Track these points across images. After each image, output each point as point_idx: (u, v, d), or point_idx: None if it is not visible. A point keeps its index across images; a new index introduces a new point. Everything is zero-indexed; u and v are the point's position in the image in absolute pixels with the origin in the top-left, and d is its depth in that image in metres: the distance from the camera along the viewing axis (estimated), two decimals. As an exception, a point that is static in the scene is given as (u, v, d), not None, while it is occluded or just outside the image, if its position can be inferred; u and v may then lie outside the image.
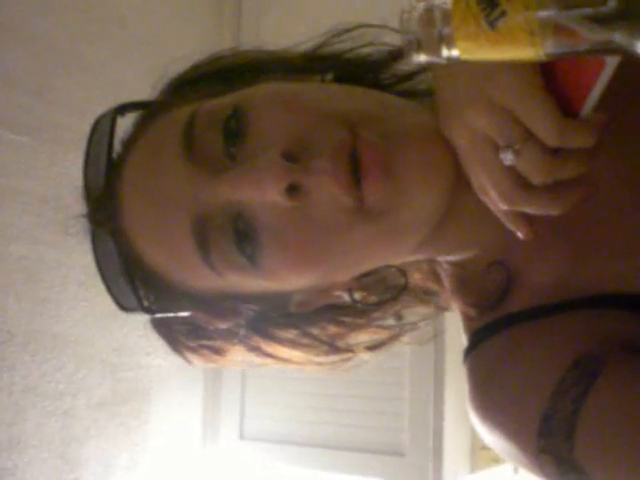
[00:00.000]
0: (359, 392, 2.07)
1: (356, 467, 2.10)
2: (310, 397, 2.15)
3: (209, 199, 0.60)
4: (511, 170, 0.53)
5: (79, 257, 0.65)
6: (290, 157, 0.57)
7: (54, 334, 1.90)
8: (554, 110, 0.50)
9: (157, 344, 0.72)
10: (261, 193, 0.58)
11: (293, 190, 0.57)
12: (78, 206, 0.67)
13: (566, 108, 0.51)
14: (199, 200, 0.60)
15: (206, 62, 0.71)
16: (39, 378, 1.86)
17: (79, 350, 1.95)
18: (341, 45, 0.70)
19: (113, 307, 0.67)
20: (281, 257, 0.60)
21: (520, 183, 0.54)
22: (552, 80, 0.51)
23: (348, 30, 0.70)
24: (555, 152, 0.52)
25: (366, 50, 0.70)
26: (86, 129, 0.70)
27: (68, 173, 1.86)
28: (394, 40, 0.66)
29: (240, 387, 2.25)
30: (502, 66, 0.47)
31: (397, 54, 0.69)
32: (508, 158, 0.53)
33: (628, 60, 0.43)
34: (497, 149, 0.53)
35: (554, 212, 0.56)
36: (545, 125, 0.51)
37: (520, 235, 0.58)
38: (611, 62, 0.49)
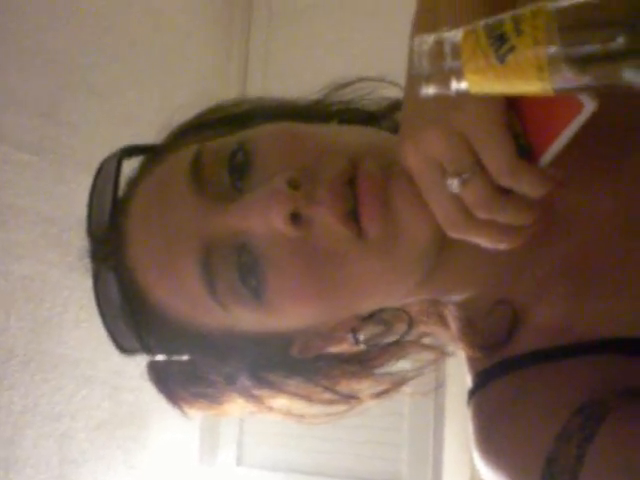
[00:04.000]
0: (358, 421, 2.05)
1: (354, 496, 2.09)
2: (308, 425, 2.14)
3: (216, 229, 0.60)
4: (457, 198, 0.53)
5: (82, 278, 0.66)
6: (294, 185, 0.58)
7: (54, 355, 1.90)
8: (511, 148, 0.50)
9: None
10: (265, 220, 0.59)
11: (296, 219, 0.58)
12: (82, 229, 0.68)
13: (527, 152, 0.51)
14: (206, 230, 0.61)
15: (212, 109, 0.72)
16: (38, 398, 1.86)
17: (79, 371, 1.94)
18: (341, 97, 0.72)
19: (114, 330, 0.67)
20: (284, 288, 0.61)
21: (465, 212, 0.53)
22: (521, 120, 0.51)
23: (348, 84, 0.71)
24: (503, 193, 0.52)
25: (365, 102, 0.72)
26: (94, 150, 0.70)
27: (74, 194, 1.87)
28: (392, 92, 0.68)
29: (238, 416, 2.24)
30: (471, 97, 0.47)
31: (396, 106, 0.69)
32: (454, 186, 0.52)
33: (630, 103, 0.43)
34: (445, 175, 0.52)
35: (498, 247, 0.56)
36: (498, 159, 0.50)
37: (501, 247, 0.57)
38: (586, 111, 0.49)
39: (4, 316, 1.80)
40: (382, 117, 0.71)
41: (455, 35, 0.44)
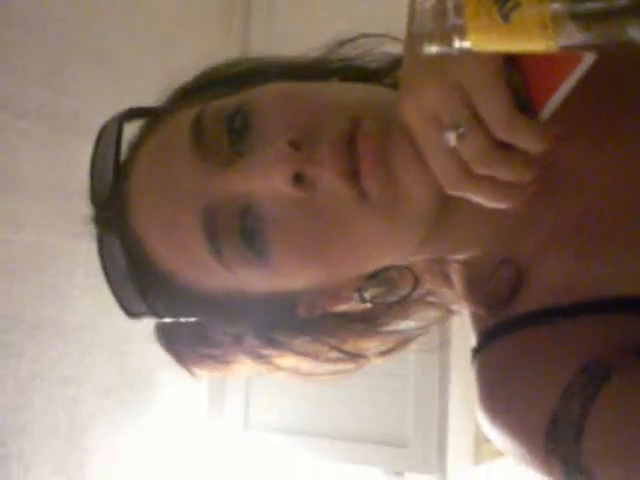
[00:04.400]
0: (364, 382, 2.07)
1: (359, 457, 2.11)
2: (314, 387, 2.16)
3: (219, 191, 0.60)
4: (455, 153, 0.52)
5: (86, 245, 0.66)
6: (296, 145, 0.58)
7: (61, 321, 1.91)
8: (507, 99, 0.50)
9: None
10: (268, 182, 0.59)
11: (299, 180, 0.58)
12: (86, 196, 0.68)
13: (527, 107, 0.51)
14: (209, 193, 0.61)
15: (212, 70, 0.72)
16: (45, 365, 1.87)
17: (85, 337, 1.95)
18: (343, 54, 0.71)
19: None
20: (288, 250, 0.61)
21: (462, 168, 0.53)
22: (521, 75, 0.51)
23: (350, 40, 0.71)
24: (502, 148, 0.51)
25: (368, 59, 0.71)
26: (96, 118, 0.70)
27: (77, 161, 1.85)
28: (395, 49, 0.67)
29: (245, 376, 2.26)
30: (471, 52, 0.46)
31: (398, 62, 0.69)
32: (451, 139, 0.51)
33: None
34: (443, 129, 0.52)
35: (497, 205, 0.55)
36: (495, 110, 0.50)
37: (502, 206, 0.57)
38: (584, 64, 0.49)
39: (9, 284, 1.81)
40: (384, 74, 0.71)
41: (458, -8, 0.43)
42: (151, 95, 0.72)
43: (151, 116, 0.69)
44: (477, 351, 0.66)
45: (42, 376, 1.86)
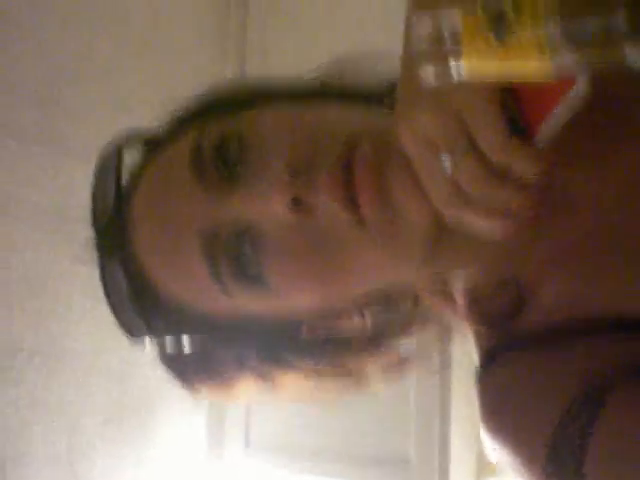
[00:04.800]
0: (365, 402, 2.06)
1: (361, 476, 2.10)
2: (315, 407, 2.15)
3: (218, 220, 0.61)
4: (451, 177, 0.53)
5: (84, 269, 0.66)
6: (294, 172, 0.59)
7: (60, 347, 1.90)
8: (502, 123, 0.50)
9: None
10: (266, 207, 0.59)
11: (297, 205, 0.58)
12: (84, 219, 0.69)
13: (523, 133, 0.51)
14: (209, 220, 0.62)
15: (209, 94, 0.73)
16: (45, 392, 1.86)
17: (85, 363, 1.94)
18: (341, 75, 0.72)
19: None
20: (286, 275, 0.62)
21: (458, 192, 0.53)
22: (517, 102, 0.51)
23: (348, 60, 0.71)
24: (497, 173, 0.52)
25: (366, 79, 0.71)
26: (94, 140, 0.71)
27: (73, 184, 1.86)
28: (394, 68, 0.67)
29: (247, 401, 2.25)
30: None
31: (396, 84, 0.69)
32: (447, 164, 0.52)
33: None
34: (439, 154, 0.53)
35: (493, 232, 0.55)
36: (490, 135, 0.50)
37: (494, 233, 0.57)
38: (580, 88, 0.49)
39: (7, 310, 1.80)
40: (383, 94, 0.71)
41: (454, 17, 0.44)
42: (148, 117, 0.73)
43: (150, 143, 0.70)
44: (479, 371, 0.66)
45: (42, 403, 1.85)
